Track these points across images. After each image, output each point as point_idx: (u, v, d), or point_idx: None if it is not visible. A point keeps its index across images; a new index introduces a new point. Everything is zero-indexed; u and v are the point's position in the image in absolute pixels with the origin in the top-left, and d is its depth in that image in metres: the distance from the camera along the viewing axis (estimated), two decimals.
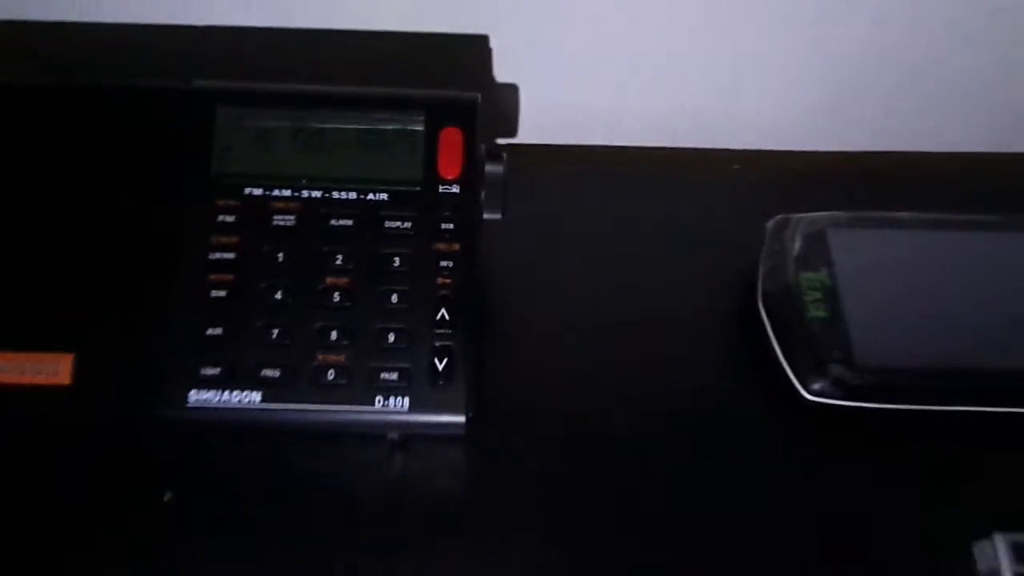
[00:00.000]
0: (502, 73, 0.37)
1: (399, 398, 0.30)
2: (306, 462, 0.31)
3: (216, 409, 0.29)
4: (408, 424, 0.30)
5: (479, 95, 0.32)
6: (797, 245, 0.38)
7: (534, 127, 0.39)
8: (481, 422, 0.31)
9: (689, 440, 0.34)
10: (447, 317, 0.31)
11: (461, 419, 0.30)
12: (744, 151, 0.43)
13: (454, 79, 0.33)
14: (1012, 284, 0.36)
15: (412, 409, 0.30)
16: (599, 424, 0.33)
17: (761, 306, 0.37)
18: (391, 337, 0.30)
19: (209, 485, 0.30)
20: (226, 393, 0.29)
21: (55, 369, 0.30)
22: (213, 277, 0.30)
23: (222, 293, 0.30)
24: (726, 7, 0.40)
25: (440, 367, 0.30)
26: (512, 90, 0.36)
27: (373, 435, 0.31)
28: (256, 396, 0.29)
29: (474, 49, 0.34)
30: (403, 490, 0.30)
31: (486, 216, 0.33)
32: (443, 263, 0.31)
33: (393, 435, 0.31)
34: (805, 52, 0.42)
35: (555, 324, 0.36)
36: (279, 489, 0.30)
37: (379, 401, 0.30)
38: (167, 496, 0.29)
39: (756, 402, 0.36)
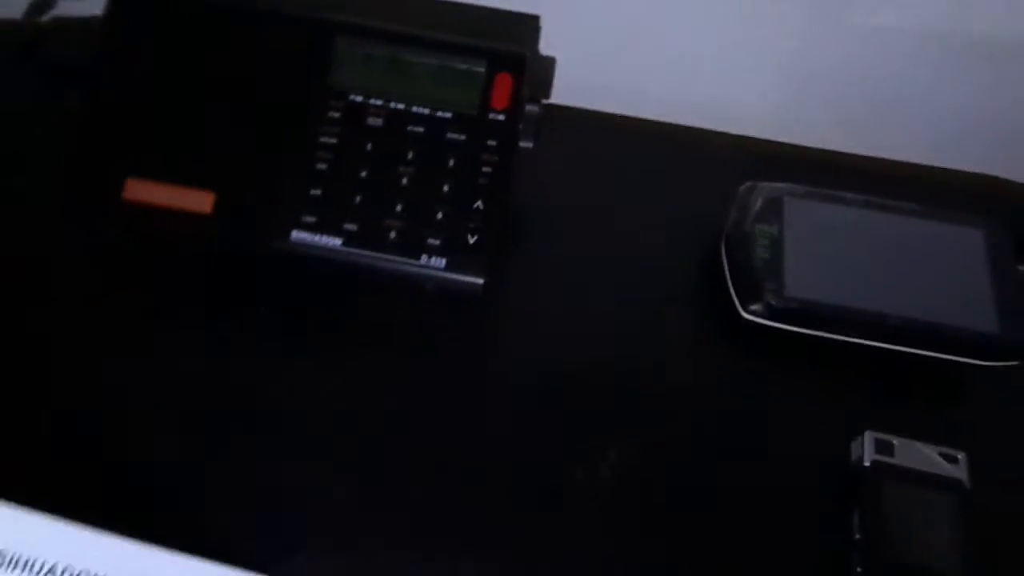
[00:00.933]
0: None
1: (438, 258, 0.41)
2: (367, 299, 0.43)
3: (309, 246, 0.41)
4: (442, 279, 0.42)
5: (527, 52, 0.44)
6: (758, 204, 0.48)
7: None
8: (495, 287, 0.42)
9: (649, 340, 0.45)
10: (481, 207, 0.42)
11: (480, 281, 0.42)
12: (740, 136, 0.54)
13: (510, 40, 0.44)
14: (918, 258, 0.47)
15: (446, 268, 0.42)
16: (582, 307, 0.45)
17: (723, 248, 0.48)
18: (439, 215, 0.42)
19: (295, 301, 0.42)
20: (318, 236, 0.41)
21: (201, 201, 0.42)
22: (319, 154, 0.42)
23: (324, 166, 0.42)
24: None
25: (471, 241, 0.42)
26: (550, 61, 0.47)
27: (415, 285, 0.43)
28: (338, 241, 0.41)
29: (527, 24, 0.46)
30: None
31: (521, 144, 0.44)
32: (484, 168, 0.43)
33: (430, 285, 0.42)
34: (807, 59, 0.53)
35: (561, 233, 0.47)
36: (340, 310, 0.42)
37: (424, 258, 0.41)
38: (262, 309, 0.41)
39: (705, 320, 0.47)
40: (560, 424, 0.41)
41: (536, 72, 0.44)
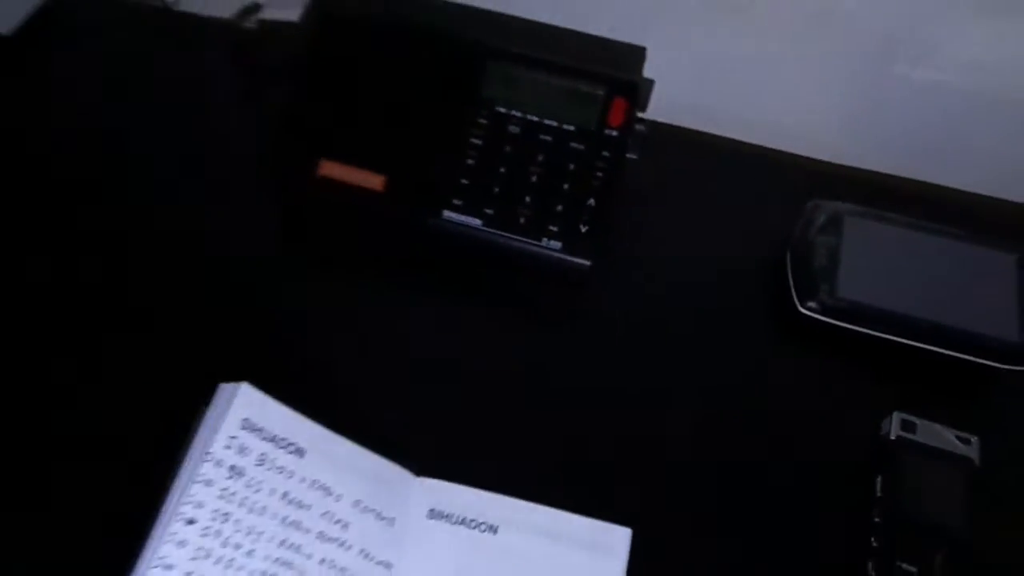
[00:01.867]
0: None
1: (555, 242, 0.52)
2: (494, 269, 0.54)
3: (456, 223, 0.53)
4: (558, 259, 0.53)
5: (639, 81, 0.54)
6: (822, 219, 0.58)
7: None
8: (598, 270, 0.53)
9: (721, 326, 0.55)
10: (592, 204, 0.53)
11: (587, 263, 0.53)
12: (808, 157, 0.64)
13: (623, 67, 0.55)
14: (955, 274, 0.56)
15: (561, 251, 0.53)
16: (668, 292, 0.55)
17: (788, 253, 0.58)
18: (558, 207, 0.53)
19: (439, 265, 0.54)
20: (464, 216, 0.53)
21: (375, 181, 0.54)
22: (469, 151, 0.54)
23: (471, 161, 0.54)
24: None
25: (583, 230, 0.53)
26: (650, 83, 0.57)
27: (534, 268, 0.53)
28: (479, 222, 0.53)
29: (636, 54, 0.56)
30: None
31: (628, 155, 0.55)
32: (597, 174, 0.53)
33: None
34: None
35: (654, 229, 0.58)
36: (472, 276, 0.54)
37: (544, 241, 0.52)
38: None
39: (768, 312, 0.56)
40: (642, 383, 0.52)
41: (640, 93, 0.55)
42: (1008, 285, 0.55)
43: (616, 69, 0.56)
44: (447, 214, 0.53)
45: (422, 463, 0.46)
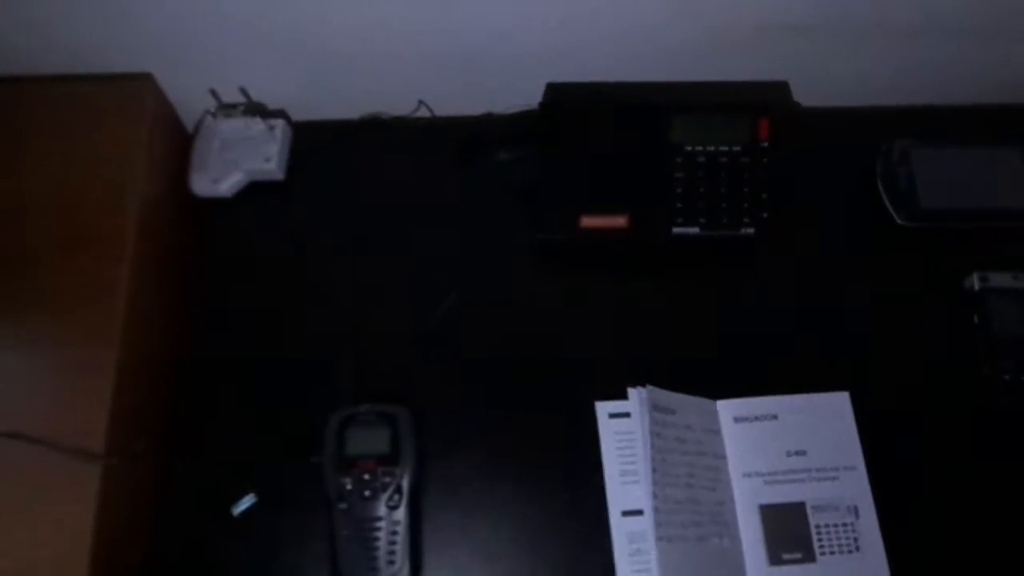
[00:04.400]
0: None
1: (748, 229, 0.80)
2: (709, 257, 0.82)
3: (682, 234, 0.79)
4: (752, 238, 0.80)
5: (770, 102, 0.80)
6: (896, 153, 0.86)
7: None
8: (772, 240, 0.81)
9: (825, 234, 0.84)
10: (764, 196, 0.80)
11: (767, 238, 0.80)
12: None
13: (766, 97, 0.80)
14: (991, 175, 0.84)
15: (754, 234, 0.80)
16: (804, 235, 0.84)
17: (879, 181, 0.86)
18: (744, 204, 0.80)
19: (673, 266, 0.81)
20: (686, 228, 0.79)
21: (620, 221, 0.79)
22: (677, 182, 0.79)
23: (680, 189, 0.79)
24: None
25: (764, 216, 0.80)
26: (789, 103, 0.82)
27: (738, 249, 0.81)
28: (696, 229, 0.79)
29: (777, 86, 0.81)
30: None
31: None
32: (756, 175, 0.80)
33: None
34: None
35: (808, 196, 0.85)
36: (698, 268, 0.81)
37: (742, 230, 0.80)
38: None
39: (871, 225, 0.85)
40: (809, 286, 0.81)
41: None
42: (1017, 171, 0.84)
43: (759, 98, 0.80)
44: (675, 230, 0.79)
45: (712, 391, 0.75)
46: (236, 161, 0.83)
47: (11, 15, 0.71)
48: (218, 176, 0.83)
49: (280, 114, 0.85)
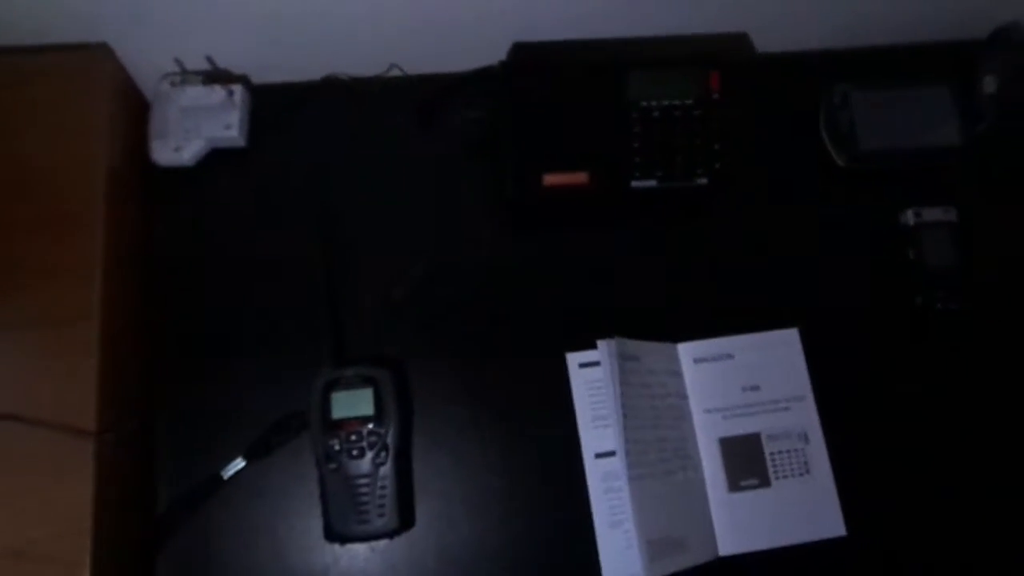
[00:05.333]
0: None
1: (703, 179, 0.84)
2: (664, 208, 0.86)
3: (642, 187, 0.83)
4: (706, 187, 0.84)
5: (721, 55, 0.83)
6: (837, 97, 0.90)
7: None
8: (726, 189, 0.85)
9: (774, 179, 0.88)
10: (717, 147, 0.84)
11: (724, 185, 0.85)
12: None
13: (725, 51, 0.83)
14: (917, 111, 0.90)
15: (708, 184, 0.84)
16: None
17: (822, 126, 0.91)
18: (695, 145, 0.83)
19: (632, 220, 0.85)
20: (643, 181, 0.83)
21: (581, 178, 0.83)
22: (634, 137, 0.83)
23: (637, 144, 0.82)
24: None
25: (717, 167, 0.84)
26: (748, 50, 0.85)
27: (693, 199, 0.85)
28: (654, 182, 0.83)
29: (736, 37, 0.84)
30: None
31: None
32: (708, 127, 0.83)
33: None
34: None
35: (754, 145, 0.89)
36: (656, 217, 0.85)
37: (696, 180, 0.84)
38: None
39: (816, 168, 0.90)
40: (752, 226, 0.86)
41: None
42: (946, 108, 0.90)
43: (717, 52, 0.83)
44: (634, 183, 0.83)
45: (672, 335, 0.81)
46: (197, 129, 0.83)
47: None
48: (179, 144, 0.83)
49: (240, 79, 0.84)
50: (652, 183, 0.83)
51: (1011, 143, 0.92)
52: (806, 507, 0.79)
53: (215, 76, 0.83)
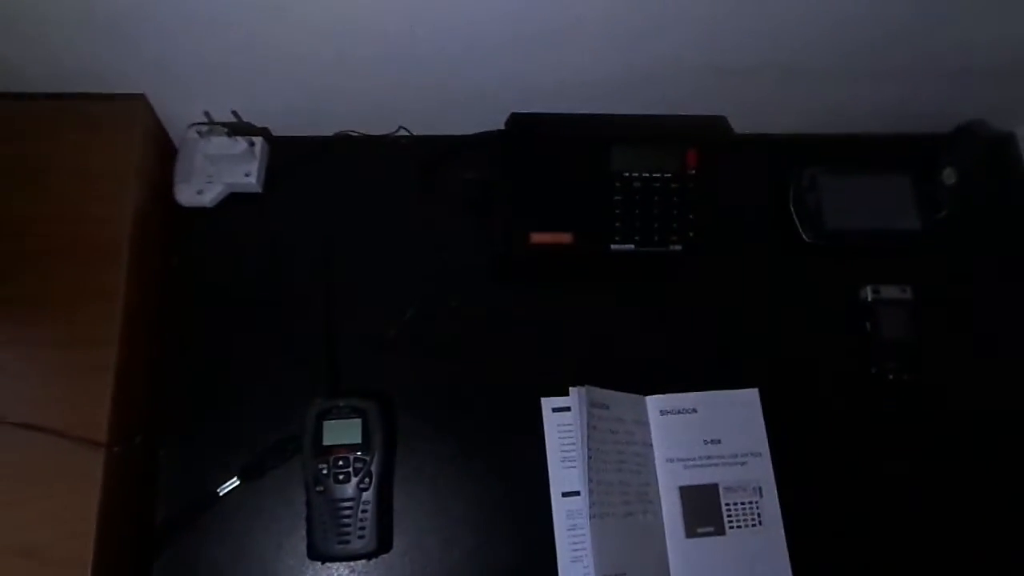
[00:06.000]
0: None
1: (676, 246, 0.91)
2: (639, 270, 0.94)
3: (619, 251, 0.91)
4: (680, 254, 0.92)
5: (701, 135, 0.92)
6: (806, 179, 0.98)
7: None
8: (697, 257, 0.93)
9: (745, 250, 0.96)
10: (692, 217, 0.92)
11: (697, 254, 0.92)
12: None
13: (705, 131, 0.91)
14: (880, 198, 0.98)
15: (682, 250, 0.92)
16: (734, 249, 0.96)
17: (791, 204, 0.99)
18: (674, 224, 0.91)
19: (613, 278, 0.93)
20: (623, 245, 0.91)
21: (565, 238, 0.90)
22: (616, 205, 0.90)
23: (618, 211, 0.90)
24: None
25: (691, 236, 0.91)
26: (726, 132, 0.94)
27: (669, 265, 0.93)
28: (631, 246, 0.91)
29: (715, 119, 0.93)
30: None
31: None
32: (684, 199, 0.91)
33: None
34: None
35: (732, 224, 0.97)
36: (625, 280, 0.93)
37: (671, 247, 0.91)
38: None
39: (783, 241, 0.98)
40: (721, 294, 0.94)
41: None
42: (907, 196, 0.98)
43: (696, 132, 0.92)
44: (613, 246, 0.91)
45: (641, 387, 0.88)
46: (219, 175, 0.91)
47: (22, 39, 0.78)
48: (202, 188, 0.91)
49: (262, 131, 0.93)
50: (630, 247, 0.91)
51: (966, 231, 0.99)
52: (757, 556, 0.84)
53: (239, 128, 0.91)
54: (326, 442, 0.79)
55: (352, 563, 0.80)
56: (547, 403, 0.86)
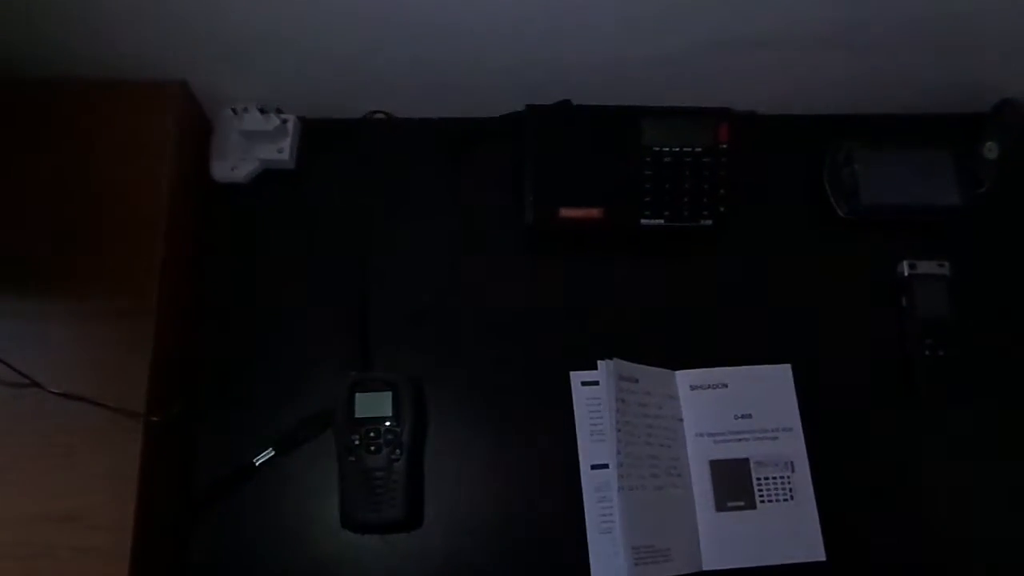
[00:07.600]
0: None
1: (707, 220, 0.91)
2: (671, 245, 0.93)
3: (648, 225, 0.90)
4: (710, 229, 0.91)
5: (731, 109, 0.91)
6: (842, 152, 0.97)
7: None
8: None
9: (777, 225, 0.95)
10: (723, 192, 0.91)
11: (724, 230, 0.92)
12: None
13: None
14: (921, 173, 0.96)
15: (712, 225, 0.91)
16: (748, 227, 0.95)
17: (825, 178, 0.98)
18: (704, 199, 0.91)
19: (639, 249, 0.92)
20: (652, 220, 0.90)
21: (595, 213, 0.90)
22: (646, 179, 0.90)
23: (648, 185, 0.90)
24: None
25: (721, 211, 0.91)
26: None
27: (698, 239, 0.92)
28: (661, 220, 0.91)
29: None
30: None
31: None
32: (721, 173, 0.91)
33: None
34: None
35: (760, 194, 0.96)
36: (660, 255, 0.93)
37: (701, 221, 0.91)
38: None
39: (817, 217, 0.97)
40: (753, 271, 0.93)
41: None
42: (946, 171, 0.96)
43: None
44: (643, 221, 0.90)
45: (671, 362, 0.88)
46: (252, 151, 0.92)
47: (82, 27, 0.81)
48: (236, 164, 0.92)
49: (293, 112, 0.94)
50: (660, 221, 0.90)
51: (1008, 207, 0.97)
52: (788, 531, 0.84)
53: (271, 108, 0.92)
54: (358, 414, 0.80)
55: (386, 537, 0.81)
56: (576, 376, 0.86)
